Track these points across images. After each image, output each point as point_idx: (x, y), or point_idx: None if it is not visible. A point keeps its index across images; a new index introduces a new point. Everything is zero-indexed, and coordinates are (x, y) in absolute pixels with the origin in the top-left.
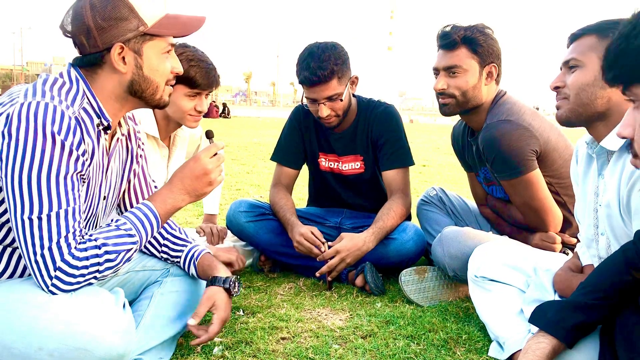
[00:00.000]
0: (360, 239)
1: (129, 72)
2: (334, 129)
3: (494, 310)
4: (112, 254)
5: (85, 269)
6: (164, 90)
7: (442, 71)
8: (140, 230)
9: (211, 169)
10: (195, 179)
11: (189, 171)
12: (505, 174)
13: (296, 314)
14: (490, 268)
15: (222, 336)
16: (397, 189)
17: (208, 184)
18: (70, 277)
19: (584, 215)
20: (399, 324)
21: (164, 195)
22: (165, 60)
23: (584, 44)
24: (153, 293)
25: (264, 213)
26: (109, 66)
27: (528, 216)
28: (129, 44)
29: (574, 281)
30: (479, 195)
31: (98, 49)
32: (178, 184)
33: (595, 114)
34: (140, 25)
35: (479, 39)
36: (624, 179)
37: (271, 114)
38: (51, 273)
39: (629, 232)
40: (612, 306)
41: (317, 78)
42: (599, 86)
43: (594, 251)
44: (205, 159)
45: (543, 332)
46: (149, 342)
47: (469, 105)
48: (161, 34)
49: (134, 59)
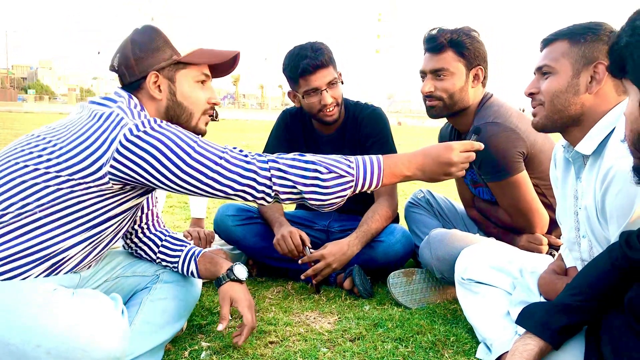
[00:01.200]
0: (345, 243)
1: (164, 98)
2: (333, 124)
3: (481, 312)
4: (320, 166)
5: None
6: (200, 119)
7: (429, 74)
8: (360, 169)
9: (456, 162)
10: (437, 164)
11: (435, 154)
12: (493, 176)
13: (284, 317)
14: (477, 270)
15: (210, 341)
16: (383, 192)
17: (445, 173)
18: (283, 162)
19: (565, 219)
20: (387, 326)
21: (399, 158)
22: (198, 89)
23: (557, 50)
24: (142, 299)
25: (252, 217)
26: (146, 93)
27: (515, 217)
28: (163, 72)
29: (559, 284)
30: (466, 198)
31: (135, 77)
32: (420, 158)
33: (570, 120)
34: (174, 55)
35: (465, 42)
36: (598, 183)
37: (259, 117)
38: (266, 167)
39: (607, 235)
40: (598, 307)
41: (319, 62)
42: (572, 92)
43: (577, 254)
44: (456, 150)
45: (530, 333)
46: (137, 348)
47: (456, 107)
48: (193, 62)
49: (167, 87)
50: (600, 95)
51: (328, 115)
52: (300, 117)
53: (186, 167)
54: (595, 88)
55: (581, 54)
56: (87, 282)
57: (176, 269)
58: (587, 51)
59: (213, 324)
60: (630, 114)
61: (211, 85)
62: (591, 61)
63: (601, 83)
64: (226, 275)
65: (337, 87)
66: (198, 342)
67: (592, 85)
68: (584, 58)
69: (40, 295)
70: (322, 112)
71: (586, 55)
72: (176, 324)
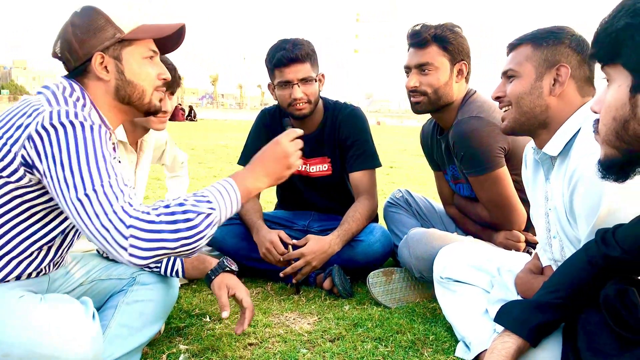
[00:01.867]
0: (326, 241)
1: (112, 78)
2: (305, 118)
3: (459, 311)
4: (190, 213)
5: (157, 224)
6: (153, 95)
7: (414, 69)
8: (219, 201)
9: (291, 152)
10: (276, 161)
11: (270, 153)
12: (474, 170)
13: (264, 319)
14: (455, 269)
15: (189, 343)
16: (363, 191)
17: (287, 167)
18: (146, 229)
19: (537, 219)
20: (367, 326)
21: (244, 174)
22: (147, 65)
23: (521, 54)
24: (118, 302)
25: (231, 218)
26: (93, 76)
27: (493, 213)
28: (108, 52)
29: (535, 283)
30: (446, 195)
31: (80, 60)
32: (259, 165)
33: (536, 122)
34: (117, 33)
35: (449, 37)
36: (565, 184)
37: (238, 117)
38: (125, 233)
39: (577, 235)
40: (575, 304)
41: (293, 56)
42: (535, 95)
43: (549, 254)
44: (285, 142)
45: (508, 331)
46: (114, 352)
47: (441, 102)
48: (138, 38)
49: (115, 66)
50: (563, 97)
51: (297, 109)
52: (279, 117)
53: (75, 170)
54: (558, 90)
55: (544, 57)
56: (60, 286)
57: (158, 269)
58: (549, 54)
59: (191, 326)
60: (615, 100)
61: (159, 60)
62: (553, 64)
63: (564, 85)
64: (219, 267)
65: (312, 85)
66: (176, 344)
67: (555, 88)
68: (547, 61)
69: (5, 303)
70: (292, 106)
71: (548, 58)
72: (153, 326)
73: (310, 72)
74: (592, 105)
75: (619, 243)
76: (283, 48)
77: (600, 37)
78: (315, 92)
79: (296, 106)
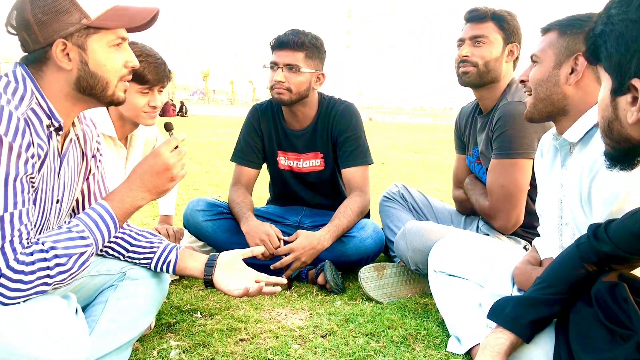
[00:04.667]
0: (316, 237)
1: (74, 68)
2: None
3: (452, 305)
4: (62, 258)
5: (32, 275)
6: (117, 87)
7: (468, 40)
8: (95, 232)
9: (172, 163)
10: (156, 175)
11: (148, 167)
12: (503, 152)
13: (255, 314)
14: (449, 263)
15: (179, 339)
16: (355, 187)
17: (169, 179)
18: (16, 284)
19: (547, 207)
20: (359, 321)
21: (122, 193)
22: (114, 54)
23: (546, 40)
24: (108, 298)
25: (222, 212)
26: (53, 63)
27: (497, 201)
28: (71, 39)
29: (533, 274)
30: (459, 179)
31: (40, 45)
32: (137, 181)
33: (555, 109)
34: (83, 18)
35: (506, 17)
36: (586, 170)
37: (230, 113)
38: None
39: (589, 223)
40: (566, 300)
41: (286, 40)
42: (552, 82)
43: (558, 242)
44: (165, 153)
45: (501, 327)
46: (103, 347)
47: (488, 77)
48: (106, 27)
49: (78, 55)
50: (581, 86)
51: (276, 93)
52: (271, 113)
53: None
54: (573, 79)
55: (565, 45)
56: None
57: (148, 264)
58: (570, 43)
59: (182, 322)
60: (601, 100)
61: (128, 46)
62: (573, 53)
63: (579, 75)
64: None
65: (296, 74)
66: (167, 340)
67: (571, 77)
68: (567, 49)
69: None
70: (273, 89)
71: (569, 47)
72: (144, 321)
73: (298, 61)
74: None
75: (611, 238)
76: (285, 34)
77: (587, 39)
78: (298, 82)
79: (276, 89)
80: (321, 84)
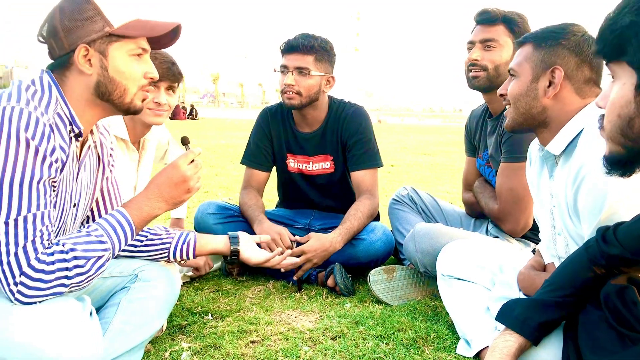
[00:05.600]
0: (327, 239)
1: (95, 73)
2: (293, 109)
3: (461, 308)
4: (80, 260)
5: (51, 274)
6: (135, 95)
7: (478, 44)
8: (113, 238)
9: (189, 176)
10: (173, 187)
11: (166, 178)
12: (513, 156)
13: (265, 317)
14: (457, 266)
15: (191, 341)
16: (365, 190)
17: (186, 191)
18: (36, 282)
19: (542, 216)
20: (369, 324)
21: (140, 202)
22: (134, 63)
23: (522, 54)
24: (120, 300)
25: (233, 215)
26: (76, 68)
27: (506, 205)
28: (94, 45)
29: (537, 280)
30: (469, 181)
31: (65, 50)
32: (155, 191)
33: (535, 122)
34: (106, 26)
35: (516, 20)
36: (569, 181)
37: (239, 116)
38: (16, 279)
39: (580, 233)
40: (575, 303)
41: (295, 44)
42: (531, 96)
43: (553, 251)
44: (183, 166)
45: (509, 330)
46: (116, 349)
47: (498, 81)
48: (127, 35)
49: (99, 60)
50: (560, 99)
51: (287, 98)
52: (281, 116)
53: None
54: (551, 92)
55: (541, 58)
56: None
57: (166, 253)
58: (546, 56)
59: (193, 324)
60: (620, 98)
61: (149, 58)
62: (549, 66)
63: (557, 88)
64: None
65: (306, 78)
66: (179, 342)
67: (549, 90)
68: (543, 63)
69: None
70: (284, 94)
71: (545, 60)
72: (156, 323)
73: (308, 64)
74: (597, 101)
75: (620, 241)
76: (295, 37)
77: (605, 34)
78: (308, 86)
79: (286, 94)
80: (331, 87)
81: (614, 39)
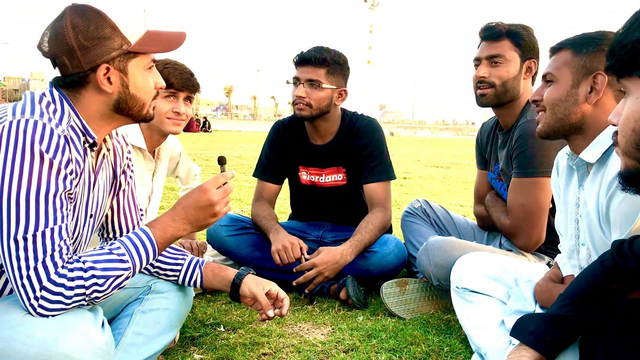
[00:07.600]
0: (338, 252)
1: (115, 91)
2: (303, 120)
3: (475, 322)
4: (100, 279)
5: (71, 290)
6: (150, 105)
7: (485, 60)
8: (134, 257)
9: (217, 200)
10: (200, 210)
11: (193, 201)
12: (524, 171)
13: (278, 329)
14: (472, 279)
15: (203, 353)
16: (377, 202)
17: (212, 215)
18: (56, 296)
19: (565, 226)
20: (381, 337)
21: (165, 223)
22: (148, 77)
23: (560, 59)
24: (133, 311)
25: (245, 227)
26: (93, 86)
27: (517, 220)
28: (114, 63)
29: (555, 291)
30: (481, 194)
31: (82, 69)
32: (181, 213)
33: (572, 128)
34: (124, 44)
35: (522, 33)
36: (603, 190)
37: (252, 128)
38: (37, 294)
39: (608, 243)
40: (591, 317)
41: (309, 57)
42: (571, 102)
43: (575, 262)
44: (212, 190)
45: (524, 345)
46: None
47: (507, 97)
48: (145, 52)
49: (119, 78)
50: (600, 105)
51: (297, 109)
52: (293, 128)
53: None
54: (594, 98)
55: (582, 64)
56: None
57: (176, 279)
58: (587, 62)
59: (206, 335)
60: (634, 112)
61: (155, 68)
62: (591, 72)
63: (600, 94)
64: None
65: (317, 90)
66: (191, 354)
67: (591, 96)
68: (584, 68)
69: (12, 318)
70: (295, 105)
71: (586, 65)
72: (168, 334)
73: (319, 77)
74: (610, 118)
75: (636, 254)
76: (309, 50)
77: (616, 50)
78: (319, 98)
79: (297, 105)
80: (343, 100)
81: (625, 53)
